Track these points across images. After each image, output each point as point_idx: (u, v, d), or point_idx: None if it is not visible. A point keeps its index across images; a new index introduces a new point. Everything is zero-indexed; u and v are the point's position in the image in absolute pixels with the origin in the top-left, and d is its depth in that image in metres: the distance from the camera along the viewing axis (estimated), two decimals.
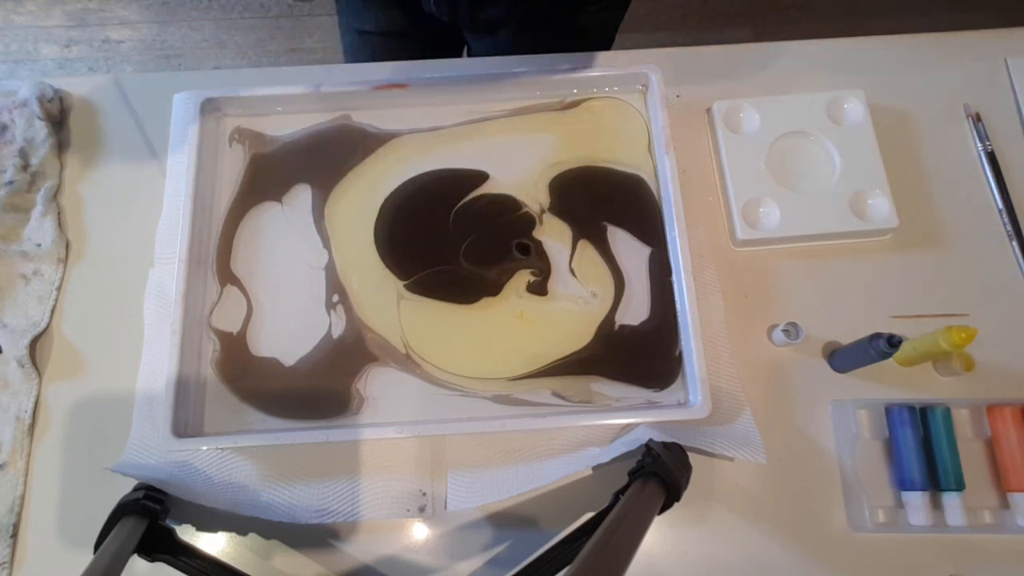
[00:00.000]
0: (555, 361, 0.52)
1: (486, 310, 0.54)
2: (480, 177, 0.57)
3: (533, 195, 0.57)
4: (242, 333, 0.53)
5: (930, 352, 0.48)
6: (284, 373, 0.52)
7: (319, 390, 0.51)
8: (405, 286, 0.54)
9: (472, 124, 0.59)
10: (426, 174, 0.57)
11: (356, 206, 0.57)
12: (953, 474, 0.47)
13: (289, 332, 0.53)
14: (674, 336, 0.52)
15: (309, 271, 0.55)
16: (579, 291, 0.54)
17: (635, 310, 0.54)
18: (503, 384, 0.52)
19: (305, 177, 0.57)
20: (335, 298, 0.54)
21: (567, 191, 0.57)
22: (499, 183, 0.57)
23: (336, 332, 0.53)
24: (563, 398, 0.51)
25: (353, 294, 0.54)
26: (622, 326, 0.53)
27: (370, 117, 0.59)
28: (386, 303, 0.54)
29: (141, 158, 0.58)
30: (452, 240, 0.55)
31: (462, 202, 0.56)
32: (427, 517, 0.49)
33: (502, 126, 0.59)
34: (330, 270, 0.55)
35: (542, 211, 0.56)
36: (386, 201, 0.57)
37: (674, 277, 0.53)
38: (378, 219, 0.56)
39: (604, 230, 0.56)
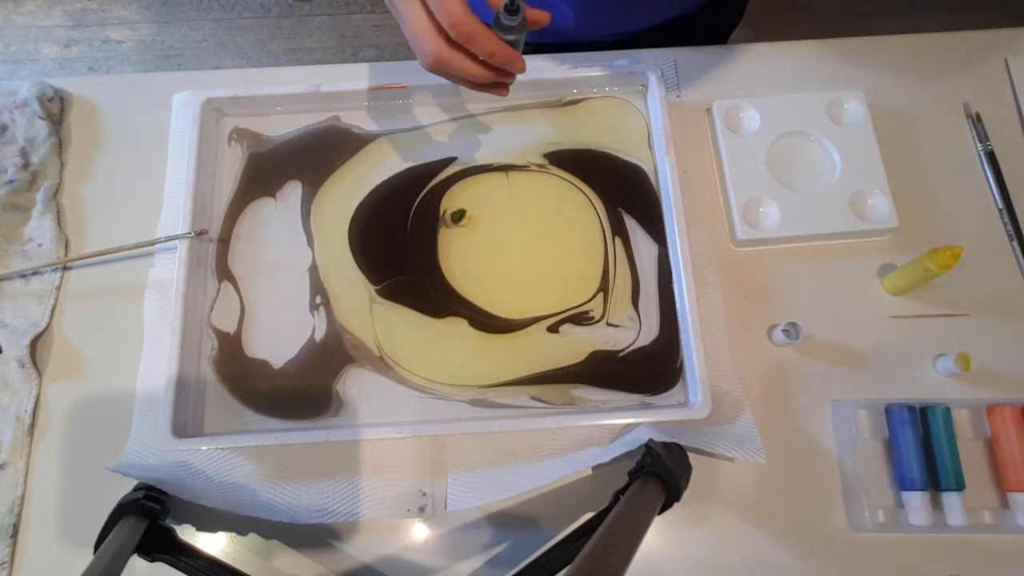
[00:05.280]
0: (536, 374, 0.52)
1: (457, 326, 0.53)
2: (445, 162, 0.57)
3: (521, 159, 0.57)
4: (237, 333, 0.53)
5: (918, 277, 0.50)
6: (274, 374, 0.52)
7: (304, 392, 0.51)
8: (377, 291, 0.54)
9: (463, 120, 0.59)
10: (400, 173, 0.57)
11: (337, 207, 0.56)
12: (953, 474, 0.47)
13: (278, 334, 0.53)
14: (676, 347, 0.52)
15: (296, 271, 0.55)
16: (620, 319, 0.53)
17: (646, 327, 0.53)
18: (475, 390, 0.51)
19: (297, 174, 0.57)
20: (317, 299, 0.54)
21: (566, 164, 0.57)
22: (468, 163, 0.57)
23: (318, 335, 0.53)
24: (543, 402, 0.51)
25: (333, 295, 0.54)
26: (630, 348, 0.52)
27: (361, 118, 0.59)
28: (360, 306, 0.53)
29: (141, 158, 0.58)
30: (414, 244, 0.55)
31: (419, 197, 0.56)
32: (427, 517, 0.49)
33: (495, 119, 0.59)
34: (313, 271, 0.55)
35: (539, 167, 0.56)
36: (362, 202, 0.56)
37: (674, 276, 0.53)
38: (352, 220, 0.56)
39: (622, 217, 0.55)
